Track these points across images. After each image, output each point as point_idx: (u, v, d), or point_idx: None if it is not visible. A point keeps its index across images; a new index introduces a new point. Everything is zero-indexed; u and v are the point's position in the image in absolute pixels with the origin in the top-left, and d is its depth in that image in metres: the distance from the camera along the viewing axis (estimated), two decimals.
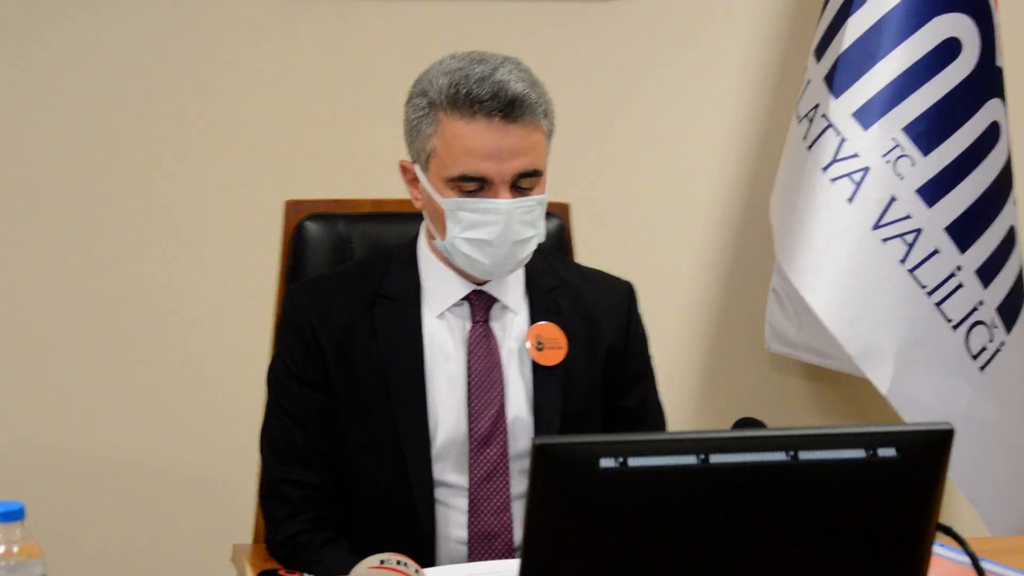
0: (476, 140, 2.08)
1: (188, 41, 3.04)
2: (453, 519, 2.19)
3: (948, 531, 1.60)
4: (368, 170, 3.10)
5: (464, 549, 2.18)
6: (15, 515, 1.59)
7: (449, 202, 2.11)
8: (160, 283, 3.05)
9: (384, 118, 3.08)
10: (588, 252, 2.63)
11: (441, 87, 2.10)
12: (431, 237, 2.19)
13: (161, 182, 3.04)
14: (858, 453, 1.45)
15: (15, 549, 1.57)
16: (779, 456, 1.43)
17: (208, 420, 3.09)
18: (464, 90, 2.08)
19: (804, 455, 1.44)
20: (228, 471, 3.05)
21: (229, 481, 3.04)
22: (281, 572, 1.82)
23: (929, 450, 1.47)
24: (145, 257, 3.05)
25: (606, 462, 1.40)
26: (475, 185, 2.10)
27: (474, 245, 2.11)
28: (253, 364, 2.66)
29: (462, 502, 2.18)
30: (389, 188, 2.50)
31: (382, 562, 1.75)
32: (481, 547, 2.17)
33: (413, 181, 2.19)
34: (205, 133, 3.05)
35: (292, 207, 2.45)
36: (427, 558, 2.15)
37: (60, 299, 3.02)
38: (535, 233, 2.14)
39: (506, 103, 2.07)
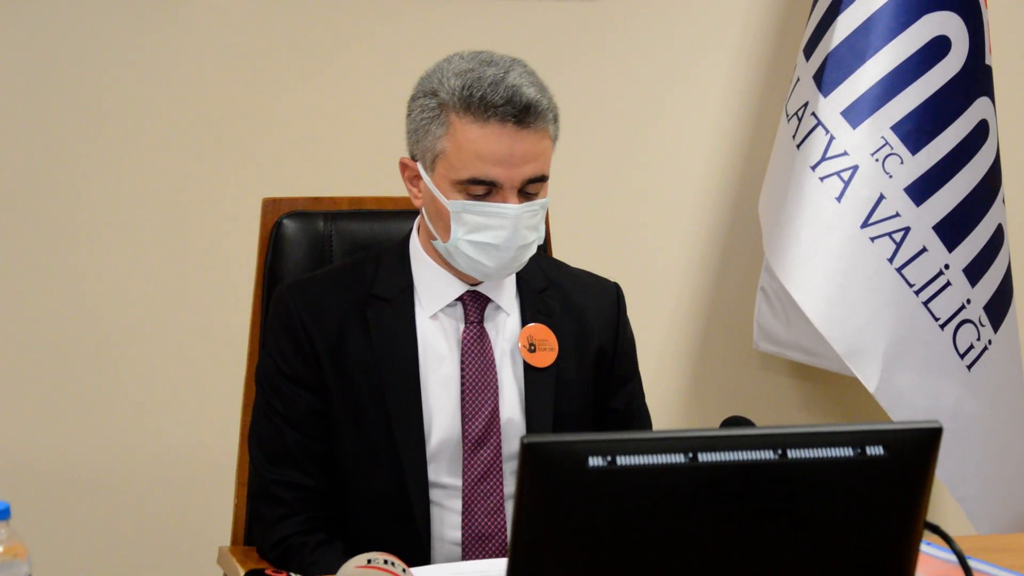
0: (489, 145, 2.07)
1: (165, 37, 3.02)
2: (447, 520, 2.18)
3: (936, 529, 1.60)
4: (346, 168, 3.09)
5: (458, 550, 2.18)
6: (1, 515, 1.58)
7: (455, 203, 2.10)
8: (138, 282, 3.04)
9: (362, 116, 3.09)
10: (576, 251, 2.62)
11: (453, 88, 2.08)
12: (431, 237, 2.17)
13: (138, 180, 3.03)
14: (846, 452, 1.44)
15: (0, 549, 1.56)
16: (767, 455, 1.43)
17: (190, 420, 3.08)
18: (478, 93, 2.07)
19: (792, 454, 1.43)
20: (212, 472, 3.04)
21: (214, 482, 3.02)
22: (268, 572, 1.81)
23: (917, 448, 1.47)
24: (123, 256, 3.03)
25: (594, 461, 1.40)
26: (483, 189, 2.09)
27: (479, 248, 2.10)
28: (233, 363, 2.65)
29: (456, 503, 2.18)
30: (367, 186, 2.50)
31: (369, 561, 1.74)
32: (475, 548, 2.17)
33: (414, 179, 2.17)
34: (182, 131, 3.04)
35: (270, 205, 2.43)
36: (422, 559, 2.14)
37: (38, 299, 3.00)
38: (537, 237, 2.14)
39: (520, 109, 2.06)
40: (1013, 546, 2.13)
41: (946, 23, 3.08)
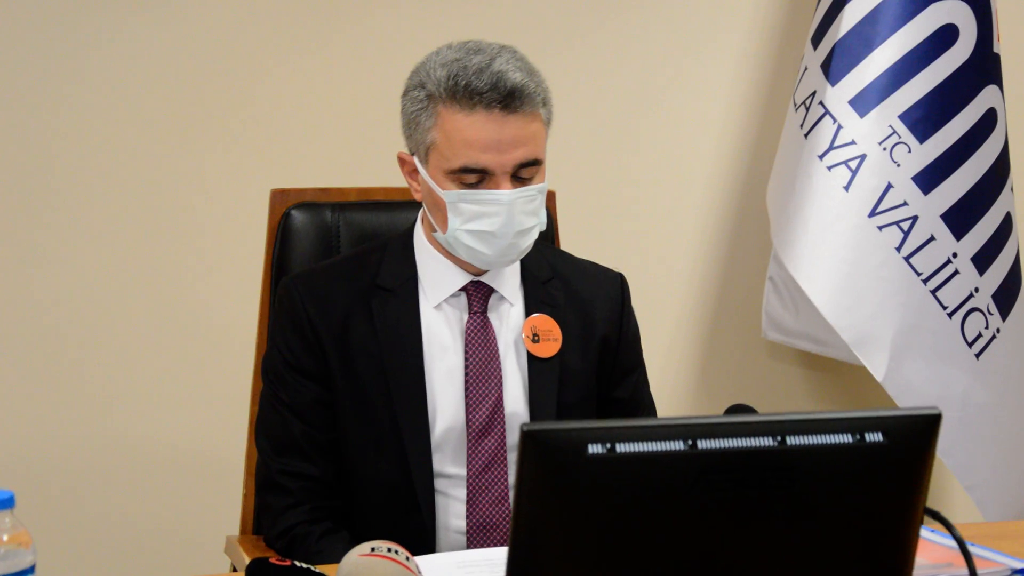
0: (476, 132, 2.07)
1: (174, 33, 3.03)
2: (452, 509, 2.19)
3: (936, 515, 1.60)
4: (354, 159, 3.10)
5: (463, 539, 2.18)
6: (5, 503, 1.58)
7: (450, 194, 2.10)
8: (146, 273, 3.05)
9: (371, 107, 3.09)
10: (584, 242, 2.63)
11: (439, 79, 2.09)
12: (431, 228, 2.19)
13: (147, 172, 3.04)
14: (846, 438, 1.44)
15: (5, 538, 1.56)
16: (767, 441, 1.43)
17: (198, 410, 3.09)
18: (463, 82, 2.07)
19: (792, 440, 1.43)
20: (220, 462, 3.05)
21: (221, 472, 3.04)
22: (273, 560, 1.81)
23: (916, 435, 1.47)
24: (131, 247, 3.04)
25: (594, 448, 1.40)
26: (476, 177, 2.09)
27: (477, 237, 2.11)
28: (242, 354, 2.66)
29: (460, 492, 2.19)
30: (375, 176, 2.50)
31: (373, 549, 1.75)
32: (480, 537, 2.18)
33: (412, 173, 2.18)
34: (191, 123, 3.05)
35: (278, 196, 2.43)
36: (427, 548, 2.15)
37: (47, 291, 3.01)
38: (536, 222, 2.14)
39: (505, 94, 2.07)
40: (1014, 532, 2.13)
41: (954, 11, 3.08)
